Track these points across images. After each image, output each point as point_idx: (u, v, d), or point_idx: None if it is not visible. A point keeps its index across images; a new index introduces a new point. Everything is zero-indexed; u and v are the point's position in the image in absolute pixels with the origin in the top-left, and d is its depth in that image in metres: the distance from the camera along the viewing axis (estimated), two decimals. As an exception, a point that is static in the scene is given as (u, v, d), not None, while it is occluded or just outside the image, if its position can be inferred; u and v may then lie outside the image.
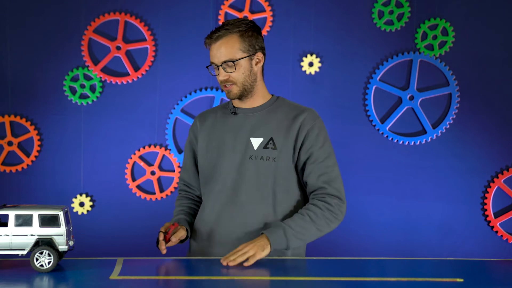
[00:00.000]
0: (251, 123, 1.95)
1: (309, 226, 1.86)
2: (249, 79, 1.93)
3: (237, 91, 1.92)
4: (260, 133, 1.93)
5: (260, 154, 1.91)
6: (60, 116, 3.26)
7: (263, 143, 1.92)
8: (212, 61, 1.92)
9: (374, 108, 3.23)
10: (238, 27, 1.90)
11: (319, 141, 1.93)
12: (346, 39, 3.23)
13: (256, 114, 1.97)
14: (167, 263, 1.80)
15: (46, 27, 3.24)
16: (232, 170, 1.92)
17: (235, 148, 1.93)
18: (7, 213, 1.56)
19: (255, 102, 1.98)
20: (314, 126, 1.93)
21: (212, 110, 2.09)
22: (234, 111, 1.99)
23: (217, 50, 1.89)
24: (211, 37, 1.91)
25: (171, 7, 3.26)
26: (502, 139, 3.19)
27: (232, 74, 1.90)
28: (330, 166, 1.92)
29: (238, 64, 1.89)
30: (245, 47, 1.90)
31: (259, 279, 1.58)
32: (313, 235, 1.88)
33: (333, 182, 1.92)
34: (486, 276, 1.71)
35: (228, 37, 1.89)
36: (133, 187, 3.26)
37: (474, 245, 3.20)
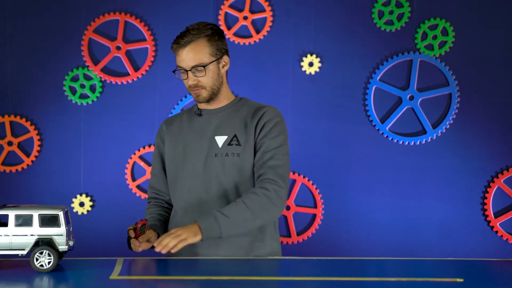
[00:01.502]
0: (215, 123, 1.99)
1: (244, 212, 1.84)
2: (217, 82, 1.98)
3: (206, 95, 1.97)
4: (224, 131, 1.97)
5: (225, 151, 1.94)
6: (60, 116, 3.26)
7: (228, 140, 1.96)
8: (180, 66, 1.93)
9: (374, 108, 3.23)
10: (204, 31, 1.93)
11: (273, 133, 1.95)
12: (346, 39, 3.23)
13: (220, 114, 2.01)
14: (167, 263, 1.80)
15: (46, 27, 3.24)
16: (198, 170, 1.96)
17: (201, 148, 1.97)
18: (7, 213, 1.56)
19: (219, 103, 2.03)
20: (271, 119, 1.97)
21: (178, 115, 2.13)
22: (198, 113, 2.03)
23: (186, 55, 1.91)
24: (178, 42, 1.92)
25: (171, 7, 3.26)
26: (502, 139, 3.19)
27: (201, 79, 1.93)
28: (277, 154, 1.93)
29: (207, 69, 1.93)
30: (213, 51, 1.94)
31: (259, 279, 1.58)
32: (249, 221, 1.85)
33: (278, 168, 1.91)
34: (486, 276, 1.70)
35: (196, 42, 1.92)
36: (133, 187, 3.26)
37: (474, 245, 3.20)
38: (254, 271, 1.70)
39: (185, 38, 1.91)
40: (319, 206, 3.22)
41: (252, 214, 1.85)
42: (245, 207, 1.84)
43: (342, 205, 3.23)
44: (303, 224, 3.25)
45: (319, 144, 3.22)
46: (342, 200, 3.22)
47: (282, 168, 1.92)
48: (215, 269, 1.73)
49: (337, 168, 3.23)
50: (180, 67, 1.94)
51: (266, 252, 1.98)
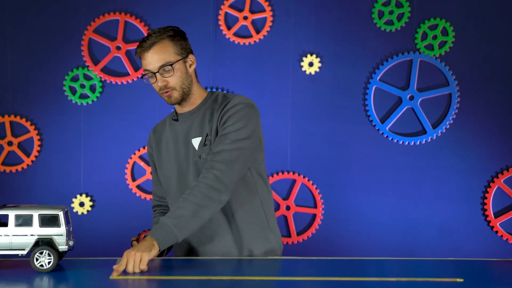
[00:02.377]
0: (190, 126, 1.99)
1: (189, 208, 1.76)
2: (186, 82, 1.96)
3: (177, 96, 1.95)
4: (198, 132, 1.97)
5: (201, 152, 1.93)
6: (60, 116, 3.26)
7: (202, 141, 1.95)
8: (147, 69, 1.92)
9: (374, 108, 3.23)
10: (166, 33, 1.92)
11: (231, 120, 1.89)
12: (346, 39, 3.23)
13: (194, 115, 2.00)
14: (167, 263, 1.80)
15: (46, 27, 3.24)
16: (184, 176, 1.96)
17: (181, 154, 1.98)
18: (7, 213, 1.56)
19: (193, 105, 2.02)
20: (233, 107, 1.92)
21: (163, 121, 2.13)
22: (175, 118, 2.04)
23: (151, 57, 1.90)
24: (142, 46, 1.90)
25: (171, 7, 3.26)
26: (502, 139, 3.19)
27: (170, 79, 1.92)
28: (228, 139, 1.86)
29: (175, 68, 1.91)
30: (178, 50, 1.94)
31: (259, 279, 1.58)
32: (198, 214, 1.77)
33: (223, 152, 1.84)
34: (486, 276, 1.71)
35: (160, 43, 1.91)
36: (133, 187, 3.26)
37: (474, 245, 3.20)
38: (254, 271, 1.70)
39: (148, 41, 1.90)
40: (319, 206, 3.22)
41: (198, 206, 1.77)
42: (189, 203, 1.77)
43: (342, 205, 3.23)
44: (303, 224, 3.25)
45: (319, 144, 3.22)
46: (342, 200, 3.22)
47: (228, 152, 1.84)
48: (215, 269, 1.73)
49: (337, 168, 3.23)
50: (147, 70, 1.92)
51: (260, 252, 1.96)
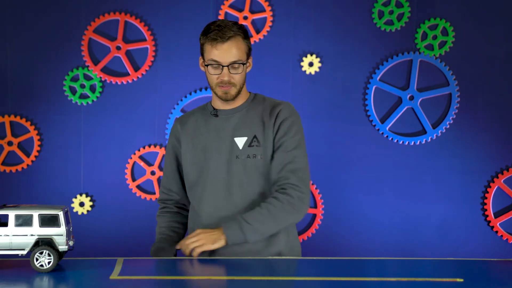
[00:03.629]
0: (233, 124, 1.97)
1: (267, 219, 1.85)
2: (243, 81, 1.97)
3: (234, 93, 1.95)
4: (243, 132, 1.95)
5: (246, 153, 1.93)
6: (60, 116, 3.26)
7: (248, 141, 1.94)
8: (216, 60, 1.89)
9: (374, 108, 3.23)
10: (241, 29, 1.92)
11: (290, 132, 1.95)
12: (346, 39, 3.23)
13: (237, 114, 1.99)
14: (167, 263, 1.80)
15: (46, 27, 3.24)
16: (221, 172, 1.94)
17: (221, 150, 1.95)
18: (7, 213, 1.56)
19: (235, 103, 2.00)
20: (288, 117, 1.96)
21: (191, 114, 2.10)
22: (215, 113, 2.00)
23: (226, 50, 1.88)
24: (220, 36, 1.87)
25: (171, 7, 3.26)
26: (502, 139, 3.19)
27: (236, 76, 1.91)
28: (297, 156, 1.93)
29: (243, 66, 1.92)
30: (247, 50, 1.94)
31: (259, 279, 1.58)
32: (272, 228, 1.87)
33: (298, 171, 1.91)
34: (486, 276, 1.70)
35: (237, 39, 1.90)
36: (133, 187, 3.26)
37: (474, 245, 3.20)
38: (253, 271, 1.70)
39: (225, 33, 1.87)
40: (319, 206, 3.22)
41: (275, 221, 1.86)
42: (268, 215, 1.85)
43: (342, 205, 3.23)
44: (303, 224, 3.25)
45: (319, 144, 3.22)
46: (342, 200, 3.22)
47: (302, 172, 1.92)
48: (215, 269, 1.73)
49: (337, 168, 3.23)
50: (215, 61, 1.89)
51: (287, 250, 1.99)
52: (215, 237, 1.82)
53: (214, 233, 1.82)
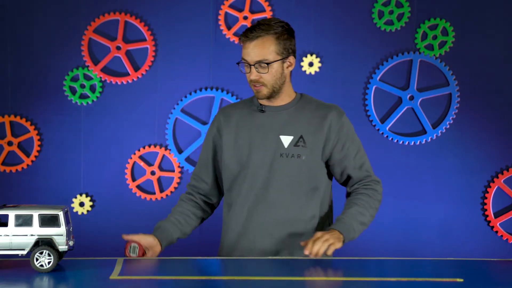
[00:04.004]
0: (279, 121, 1.97)
1: (366, 214, 1.95)
2: (279, 81, 1.94)
3: (266, 92, 1.94)
4: (290, 131, 1.95)
5: (291, 152, 1.93)
6: (60, 116, 3.26)
7: (294, 141, 1.94)
8: (244, 58, 1.91)
9: (374, 108, 3.23)
10: (275, 29, 1.90)
11: (350, 137, 2.00)
12: (346, 39, 3.23)
13: (284, 112, 1.99)
14: (167, 263, 1.80)
15: (46, 27, 3.24)
16: (262, 168, 1.94)
17: (265, 146, 1.95)
18: (7, 213, 1.56)
19: (281, 101, 1.99)
20: (344, 123, 2.00)
21: (235, 106, 2.08)
22: (261, 109, 1.99)
23: (251, 49, 1.89)
24: (247, 35, 1.89)
25: (171, 7, 3.25)
26: (502, 139, 3.19)
27: (264, 75, 1.91)
28: (363, 156, 2.03)
29: (271, 66, 1.90)
30: (279, 50, 1.91)
31: (259, 279, 1.58)
32: (368, 222, 1.97)
33: (370, 169, 2.03)
34: (486, 276, 1.71)
35: (264, 38, 1.89)
36: (133, 187, 3.26)
37: (474, 245, 3.19)
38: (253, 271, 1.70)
39: (254, 32, 1.88)
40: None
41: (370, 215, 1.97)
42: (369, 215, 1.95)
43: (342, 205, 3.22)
44: (303, 224, 3.24)
45: (319, 144, 3.21)
46: (342, 200, 3.21)
47: (370, 166, 2.05)
48: (215, 269, 1.73)
49: (337, 168, 3.23)
50: (245, 60, 1.92)
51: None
52: (337, 235, 1.83)
53: (334, 232, 1.84)
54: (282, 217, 1.93)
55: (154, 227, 2.02)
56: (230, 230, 2.00)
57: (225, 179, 2.03)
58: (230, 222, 2.00)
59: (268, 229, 1.93)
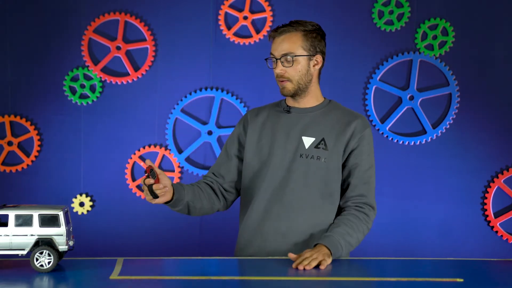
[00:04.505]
0: (303, 123, 1.98)
1: (354, 235, 1.91)
2: (305, 78, 1.96)
3: (291, 88, 1.95)
4: (312, 133, 1.96)
5: (311, 153, 1.94)
6: (60, 116, 3.26)
7: (315, 142, 1.95)
8: (272, 53, 1.95)
9: (374, 108, 3.23)
10: (304, 26, 1.95)
11: (368, 150, 2.01)
12: (346, 39, 3.23)
13: (309, 114, 2.00)
14: (167, 263, 1.80)
15: (46, 27, 3.24)
16: (281, 168, 1.95)
17: (287, 146, 1.96)
18: (7, 213, 1.56)
19: (308, 103, 2.01)
20: (366, 134, 2.00)
21: (264, 107, 2.11)
22: (288, 109, 2.01)
23: (278, 44, 1.93)
24: (276, 30, 1.95)
25: (171, 7, 3.25)
26: (502, 139, 3.19)
27: (289, 70, 1.93)
28: (371, 176, 2.03)
29: (296, 60, 1.93)
30: (306, 46, 1.95)
31: (259, 279, 1.58)
32: (355, 244, 1.95)
33: (372, 192, 2.02)
34: (486, 276, 1.71)
35: (292, 33, 1.94)
36: (133, 187, 3.26)
37: (474, 245, 3.19)
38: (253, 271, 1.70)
39: (283, 28, 1.94)
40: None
41: (362, 236, 1.96)
42: (356, 237, 1.91)
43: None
44: (303, 224, 3.24)
45: (319, 144, 3.21)
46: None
47: (374, 191, 2.05)
48: (215, 269, 1.73)
49: (337, 168, 3.23)
50: (272, 55, 1.95)
51: None
52: (326, 252, 1.78)
53: (323, 249, 1.79)
54: (297, 219, 1.94)
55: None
56: (246, 228, 2.00)
57: (244, 176, 2.03)
58: (246, 220, 2.01)
59: (281, 230, 1.94)
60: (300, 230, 1.93)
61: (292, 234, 1.93)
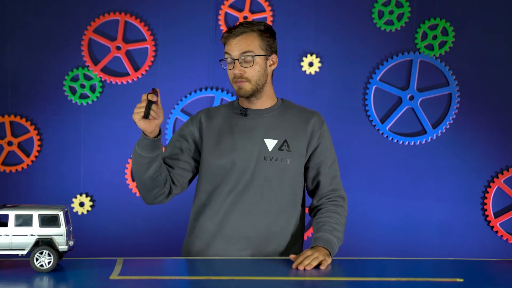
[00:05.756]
0: (263, 125, 1.96)
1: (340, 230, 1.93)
2: (262, 78, 1.95)
3: (249, 89, 1.93)
4: (274, 134, 1.95)
5: (275, 156, 1.93)
6: (60, 116, 3.26)
7: (278, 144, 1.94)
8: (228, 53, 1.92)
9: (374, 108, 3.23)
10: (257, 26, 1.94)
11: (329, 146, 2.01)
12: (346, 39, 3.23)
13: (267, 115, 1.98)
14: (167, 263, 1.80)
15: (46, 27, 3.24)
16: (245, 171, 1.92)
17: (249, 149, 1.93)
18: (7, 213, 1.56)
19: (264, 104, 2.00)
20: (324, 129, 2.01)
21: (216, 108, 2.06)
22: (244, 112, 1.98)
23: (235, 44, 1.91)
24: (230, 32, 1.93)
25: (171, 7, 3.26)
26: (502, 139, 3.19)
27: (248, 70, 1.91)
28: (337, 170, 2.02)
29: (255, 60, 1.92)
30: (263, 45, 1.95)
31: (259, 279, 1.58)
32: (342, 238, 1.95)
33: (340, 184, 2.03)
34: (486, 276, 1.71)
35: (248, 34, 1.93)
36: (133, 187, 3.26)
37: (474, 245, 3.19)
38: (253, 271, 1.70)
39: (237, 29, 1.92)
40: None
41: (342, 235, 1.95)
42: (341, 231, 1.93)
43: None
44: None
45: (319, 144, 3.21)
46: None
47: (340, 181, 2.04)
48: (215, 269, 1.73)
49: (337, 168, 3.23)
50: (228, 55, 1.93)
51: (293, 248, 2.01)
52: (325, 252, 1.79)
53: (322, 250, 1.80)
54: (261, 222, 1.91)
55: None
56: (203, 230, 1.96)
57: (203, 179, 1.98)
58: (203, 223, 1.97)
59: (244, 232, 1.91)
60: (265, 232, 1.92)
61: (257, 237, 1.91)
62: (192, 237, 2.01)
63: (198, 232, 1.98)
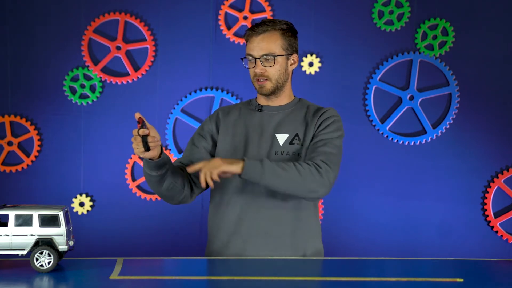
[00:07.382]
0: (276, 120, 1.98)
1: (292, 171, 1.80)
2: (283, 77, 1.97)
3: (270, 87, 1.95)
4: (286, 129, 1.96)
5: (286, 150, 1.93)
6: (60, 116, 3.26)
7: (289, 139, 1.95)
8: (250, 53, 1.93)
9: (374, 108, 3.23)
10: (280, 25, 1.94)
11: (330, 128, 1.94)
12: (346, 39, 3.23)
13: (281, 112, 2.00)
14: (167, 263, 1.80)
15: (46, 27, 3.24)
16: None
17: (261, 144, 1.95)
18: (7, 213, 1.56)
19: (281, 101, 2.01)
20: (330, 117, 1.96)
21: (234, 106, 2.09)
22: (259, 108, 2.01)
23: (257, 43, 1.92)
24: (253, 30, 1.93)
25: (171, 7, 3.26)
26: (502, 139, 3.19)
27: (269, 69, 1.93)
28: (331, 144, 1.91)
29: (276, 59, 1.92)
30: (285, 45, 1.95)
31: (260, 279, 1.58)
32: (293, 182, 1.80)
33: (330, 154, 1.88)
34: (486, 276, 1.71)
35: (270, 33, 1.93)
36: (133, 187, 3.26)
37: (474, 245, 3.20)
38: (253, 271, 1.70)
39: (260, 27, 1.92)
40: (319, 206, 3.22)
41: (300, 176, 1.79)
42: (294, 168, 1.79)
43: (342, 205, 3.23)
44: (303, 224, 3.24)
45: (319, 144, 3.21)
46: (342, 200, 3.22)
47: (333, 156, 1.88)
48: (215, 269, 1.73)
49: (337, 168, 3.23)
50: (250, 55, 1.93)
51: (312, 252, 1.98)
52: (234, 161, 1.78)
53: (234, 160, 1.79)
54: (277, 215, 1.91)
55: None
56: (222, 229, 1.97)
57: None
58: (220, 222, 1.97)
59: (262, 227, 1.91)
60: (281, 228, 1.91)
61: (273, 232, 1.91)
62: (210, 236, 2.03)
63: (215, 231, 1.99)
